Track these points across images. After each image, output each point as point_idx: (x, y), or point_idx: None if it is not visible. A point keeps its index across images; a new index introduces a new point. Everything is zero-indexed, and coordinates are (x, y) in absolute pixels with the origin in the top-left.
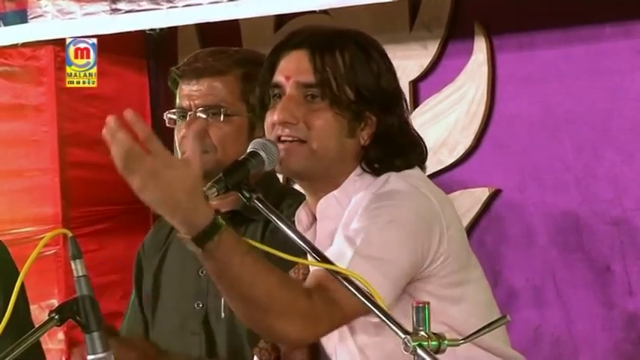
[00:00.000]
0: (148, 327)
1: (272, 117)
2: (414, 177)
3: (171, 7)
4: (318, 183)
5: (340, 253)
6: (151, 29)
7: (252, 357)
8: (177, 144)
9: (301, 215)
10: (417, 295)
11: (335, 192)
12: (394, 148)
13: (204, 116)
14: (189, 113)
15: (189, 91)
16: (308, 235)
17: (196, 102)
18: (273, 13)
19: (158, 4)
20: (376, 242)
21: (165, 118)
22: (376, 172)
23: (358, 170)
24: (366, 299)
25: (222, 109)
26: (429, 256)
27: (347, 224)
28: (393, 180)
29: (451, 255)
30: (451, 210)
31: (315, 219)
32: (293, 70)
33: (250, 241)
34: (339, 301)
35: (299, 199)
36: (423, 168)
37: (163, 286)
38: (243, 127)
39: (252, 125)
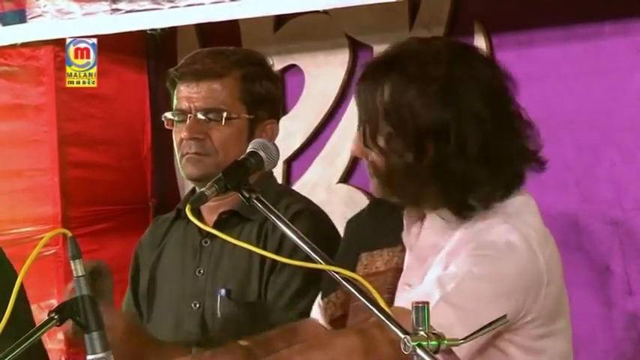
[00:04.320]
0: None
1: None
2: (528, 226)
3: (172, 7)
4: (411, 207)
5: (428, 294)
6: (152, 29)
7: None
8: (176, 145)
9: (407, 219)
10: (501, 344)
11: (450, 207)
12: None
13: (203, 118)
14: (188, 115)
15: (188, 93)
16: (414, 229)
17: (196, 104)
18: (275, 13)
19: (159, 3)
20: (467, 292)
21: (163, 119)
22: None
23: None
24: (368, 301)
25: (223, 113)
26: (520, 313)
27: (452, 256)
28: (505, 228)
29: (542, 311)
30: (556, 262)
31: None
32: None
33: (246, 245)
34: (375, 340)
35: (297, 199)
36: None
37: (159, 285)
38: (243, 128)
39: (251, 126)
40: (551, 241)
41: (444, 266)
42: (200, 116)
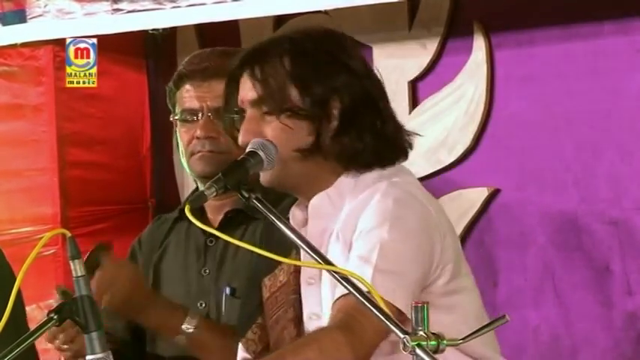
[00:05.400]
0: None
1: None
2: (408, 183)
3: (174, 7)
4: (302, 190)
5: (362, 275)
6: (154, 29)
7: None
8: (181, 143)
9: (296, 212)
10: None
11: (328, 190)
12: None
13: (217, 117)
14: (199, 114)
15: (199, 92)
16: (301, 224)
17: (209, 104)
18: (277, 13)
19: (160, 3)
20: (391, 256)
21: (171, 119)
22: (361, 167)
23: (345, 169)
24: (366, 300)
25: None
26: (434, 265)
27: (346, 230)
28: (388, 189)
29: (447, 264)
30: (445, 216)
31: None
32: (243, 94)
33: (246, 245)
34: (359, 330)
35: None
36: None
37: (164, 286)
38: None
39: None
40: (435, 200)
41: (342, 242)
42: (213, 115)
